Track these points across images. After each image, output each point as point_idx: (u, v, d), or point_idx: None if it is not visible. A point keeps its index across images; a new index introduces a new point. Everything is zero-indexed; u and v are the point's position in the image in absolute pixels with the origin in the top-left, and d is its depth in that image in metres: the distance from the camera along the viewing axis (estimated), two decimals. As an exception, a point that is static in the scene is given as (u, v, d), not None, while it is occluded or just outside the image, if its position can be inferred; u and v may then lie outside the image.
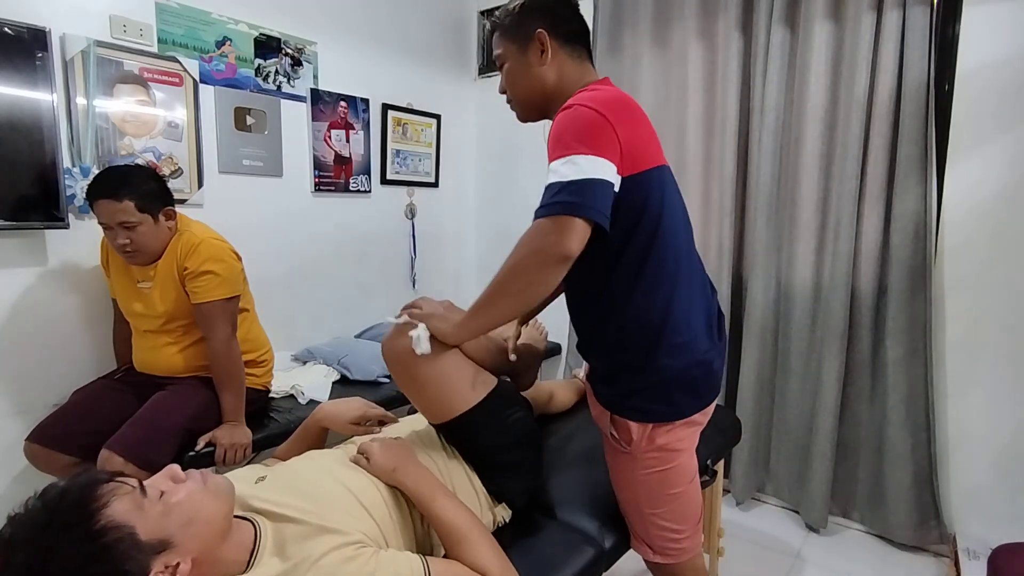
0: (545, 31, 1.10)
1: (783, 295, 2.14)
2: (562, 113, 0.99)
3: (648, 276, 1.04)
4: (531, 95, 1.15)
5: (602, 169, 0.93)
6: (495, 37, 1.17)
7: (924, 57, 1.78)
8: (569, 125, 0.97)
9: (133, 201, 1.49)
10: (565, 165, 0.93)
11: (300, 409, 1.84)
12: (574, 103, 0.99)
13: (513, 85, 1.16)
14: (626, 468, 1.14)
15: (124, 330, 1.75)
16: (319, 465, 1.03)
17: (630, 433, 1.08)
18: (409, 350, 1.04)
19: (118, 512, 0.70)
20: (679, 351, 1.05)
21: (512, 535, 1.13)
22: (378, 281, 2.70)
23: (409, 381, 1.10)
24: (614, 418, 1.10)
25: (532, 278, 0.97)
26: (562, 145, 0.95)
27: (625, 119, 0.98)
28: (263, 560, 0.82)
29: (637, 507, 1.16)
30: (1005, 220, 1.78)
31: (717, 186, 2.22)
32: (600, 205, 0.92)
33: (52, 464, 1.54)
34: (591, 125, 0.95)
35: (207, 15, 2.00)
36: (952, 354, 1.90)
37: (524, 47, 1.12)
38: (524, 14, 1.12)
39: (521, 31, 1.12)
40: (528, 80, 1.13)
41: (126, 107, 1.81)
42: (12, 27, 1.53)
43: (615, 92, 1.05)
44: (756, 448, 2.21)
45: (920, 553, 1.96)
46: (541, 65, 1.12)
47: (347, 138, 2.47)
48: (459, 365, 1.10)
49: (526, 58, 1.12)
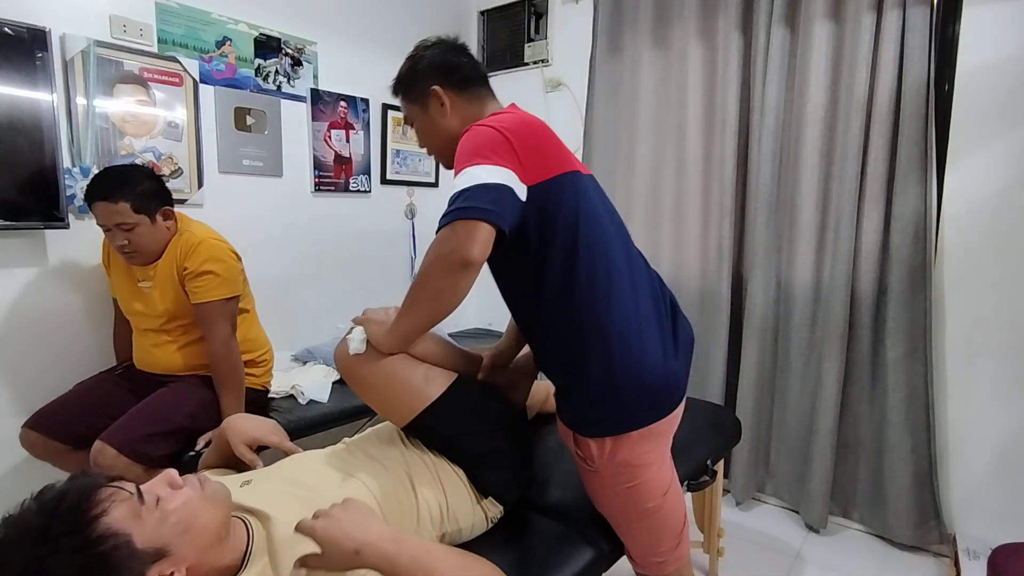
0: (438, 86, 1.16)
1: (783, 295, 2.13)
2: (462, 137, 1.04)
3: (578, 288, 1.02)
4: (444, 145, 1.19)
5: (498, 175, 0.94)
6: (400, 100, 1.23)
7: (924, 57, 1.78)
8: (465, 143, 1.01)
9: (128, 202, 1.49)
10: (462, 177, 0.96)
11: (300, 409, 1.84)
12: (470, 126, 1.05)
13: (426, 140, 1.23)
14: (597, 485, 1.13)
15: (124, 330, 1.75)
16: (306, 468, 1.03)
17: (590, 450, 1.06)
18: (351, 355, 1.07)
19: (115, 520, 0.69)
20: (625, 361, 1.02)
21: (511, 536, 1.13)
22: (378, 281, 2.70)
23: (361, 387, 1.11)
24: (576, 436, 1.09)
25: (439, 284, 0.97)
26: (461, 162, 0.99)
27: (525, 133, 1.01)
28: (256, 560, 0.82)
29: (615, 520, 1.16)
30: (1005, 220, 1.78)
31: (717, 186, 2.22)
32: (498, 208, 0.92)
33: (47, 451, 1.56)
34: (485, 138, 0.99)
35: (207, 15, 2.00)
36: (952, 354, 1.90)
37: (425, 105, 1.18)
38: (416, 75, 1.18)
39: (417, 91, 1.19)
40: (436, 132, 1.20)
41: (126, 107, 1.82)
42: (12, 27, 1.53)
43: (516, 114, 1.08)
44: (756, 448, 2.21)
45: (920, 553, 1.95)
46: (443, 117, 1.18)
47: (347, 138, 2.47)
48: (407, 365, 1.09)
49: (428, 115, 1.19)
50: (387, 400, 1.11)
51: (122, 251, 1.55)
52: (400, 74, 1.22)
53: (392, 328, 1.06)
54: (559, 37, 2.69)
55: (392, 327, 1.06)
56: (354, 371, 1.09)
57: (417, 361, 1.11)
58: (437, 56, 1.19)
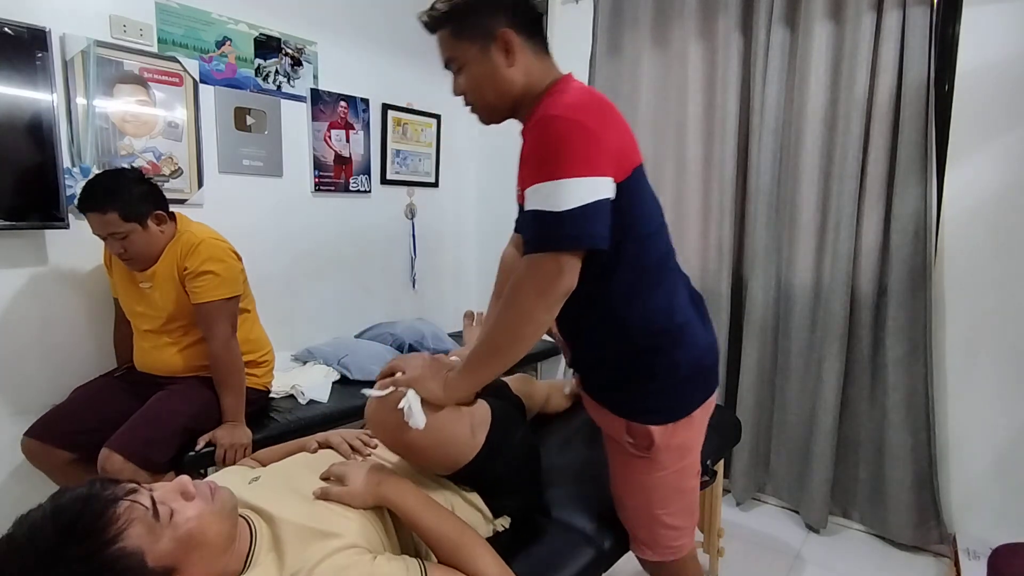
0: (510, 28, 0.96)
1: (783, 295, 2.13)
2: (541, 127, 0.89)
3: (647, 277, 1.00)
4: (497, 100, 1.02)
5: (598, 189, 0.86)
6: (443, 36, 1.01)
7: (924, 57, 1.78)
8: (555, 143, 0.86)
9: (117, 212, 1.48)
10: (558, 190, 0.84)
11: (300, 409, 1.84)
12: (551, 114, 0.88)
13: (475, 90, 1.03)
14: (642, 472, 1.09)
15: (125, 330, 1.75)
16: (315, 466, 1.02)
17: (651, 437, 1.04)
18: (401, 423, 0.93)
19: (130, 539, 0.69)
20: (686, 346, 1.03)
21: (511, 536, 1.13)
22: (378, 281, 2.70)
23: (404, 451, 1.01)
24: (631, 425, 1.05)
25: (539, 319, 0.90)
26: (550, 166, 0.85)
27: (609, 123, 0.91)
28: (259, 559, 0.82)
29: (648, 509, 1.12)
30: (1005, 220, 1.78)
31: (717, 186, 2.22)
32: (600, 230, 0.86)
33: (49, 460, 1.55)
34: (577, 141, 0.86)
35: (207, 15, 2.00)
36: (952, 354, 1.90)
37: (486, 48, 0.97)
38: (481, 7, 0.97)
39: (479, 29, 0.97)
40: (493, 84, 1.00)
41: (126, 107, 1.81)
42: (12, 27, 1.53)
43: (587, 93, 0.96)
44: (756, 448, 2.21)
45: (920, 553, 1.96)
46: (507, 67, 0.98)
47: (347, 138, 2.47)
48: (454, 418, 0.99)
49: (488, 61, 0.98)
50: (434, 458, 1.02)
51: (120, 257, 1.56)
52: (456, 2, 0.98)
53: (465, 380, 0.97)
54: (559, 37, 2.69)
55: (467, 378, 0.96)
56: (401, 438, 0.96)
57: (462, 409, 1.01)
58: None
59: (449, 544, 0.90)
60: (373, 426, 1.01)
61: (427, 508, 0.93)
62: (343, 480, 0.94)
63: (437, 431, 0.96)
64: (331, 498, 0.91)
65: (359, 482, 0.92)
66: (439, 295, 3.00)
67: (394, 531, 0.95)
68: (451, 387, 0.97)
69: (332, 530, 0.84)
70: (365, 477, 0.94)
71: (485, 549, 0.91)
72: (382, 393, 0.97)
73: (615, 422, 1.08)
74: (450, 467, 1.03)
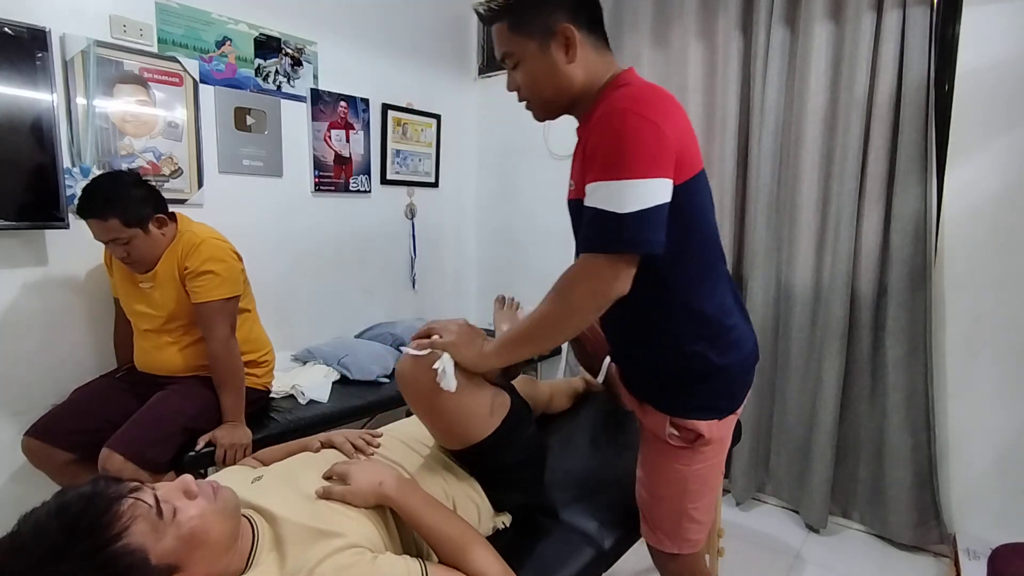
0: (571, 24, 0.95)
1: (783, 295, 2.13)
2: (610, 121, 0.87)
3: (699, 281, 1.00)
4: (556, 96, 1.01)
5: (660, 193, 0.85)
6: (499, 30, 0.99)
7: (924, 57, 1.78)
8: (624, 139, 0.85)
9: (118, 218, 1.49)
10: (622, 191, 0.84)
11: (300, 409, 1.84)
12: (621, 107, 0.88)
13: (533, 86, 1.01)
14: (683, 463, 1.09)
15: (125, 330, 1.75)
16: (317, 465, 1.02)
17: (698, 431, 1.04)
18: (432, 384, 0.96)
19: (134, 536, 0.69)
20: (738, 346, 1.04)
21: (511, 536, 1.13)
22: (378, 281, 2.70)
23: (427, 412, 1.04)
24: (676, 421, 1.06)
25: (586, 317, 0.92)
26: (616, 164, 0.85)
27: (674, 120, 0.90)
28: (261, 559, 0.82)
29: (680, 502, 1.11)
30: (1005, 220, 1.78)
31: (717, 186, 2.21)
32: (659, 236, 0.86)
33: (49, 460, 1.55)
34: (647, 139, 0.85)
35: (207, 15, 2.00)
36: (952, 354, 1.90)
37: (545, 43, 0.96)
38: (544, 5, 0.95)
39: (540, 24, 0.95)
40: (552, 80, 0.98)
41: (126, 107, 1.81)
42: (12, 27, 1.53)
43: (654, 89, 0.95)
44: (756, 448, 2.21)
45: (920, 553, 1.96)
46: (567, 64, 0.97)
47: (347, 138, 2.47)
48: (479, 392, 1.03)
49: (548, 57, 0.96)
50: (447, 427, 1.05)
51: (123, 261, 1.57)
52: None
53: (500, 353, 0.99)
54: (559, 37, 2.69)
55: (502, 352, 0.99)
56: (427, 399, 0.99)
57: (486, 385, 1.05)
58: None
59: (450, 544, 0.90)
60: (405, 383, 1.02)
61: (429, 507, 0.94)
62: (345, 479, 0.94)
63: (461, 396, 0.98)
64: (333, 497, 0.91)
65: (361, 481, 0.93)
66: (439, 295, 3.00)
67: (396, 530, 0.95)
68: (485, 357, 1.00)
69: (334, 529, 0.84)
70: (367, 476, 0.94)
71: (486, 549, 0.92)
72: (420, 353, 0.99)
73: (658, 417, 1.08)
74: (462, 441, 1.05)
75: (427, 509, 0.93)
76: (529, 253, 2.90)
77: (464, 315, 3.10)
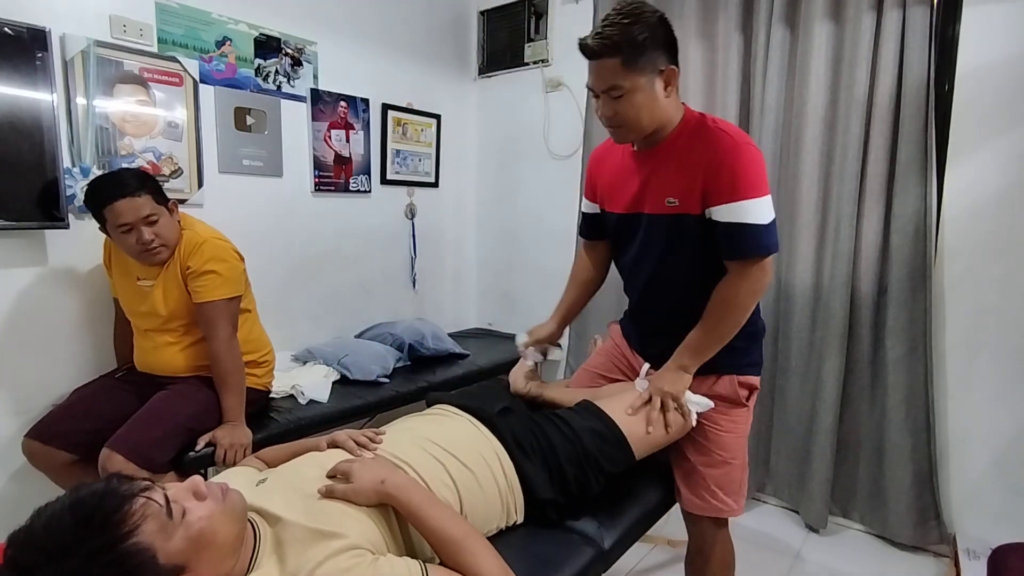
0: (675, 66, 1.14)
1: (783, 295, 2.13)
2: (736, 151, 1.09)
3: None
4: (651, 125, 1.17)
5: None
6: (612, 66, 1.10)
7: (924, 57, 1.78)
8: (752, 166, 1.10)
9: (151, 194, 1.50)
10: (762, 207, 1.09)
11: (300, 409, 1.84)
12: (743, 142, 1.11)
13: (633, 117, 1.14)
14: (745, 422, 1.32)
15: (125, 330, 1.75)
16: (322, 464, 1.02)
17: (755, 385, 1.30)
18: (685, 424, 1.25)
19: (144, 535, 0.70)
20: (759, 313, 1.29)
21: (512, 535, 1.13)
22: (378, 281, 2.70)
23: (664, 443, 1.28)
24: (740, 379, 1.28)
25: (749, 311, 1.19)
26: (754, 186, 1.09)
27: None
28: (262, 562, 0.82)
29: (743, 458, 1.32)
30: (1005, 220, 1.78)
31: (717, 186, 2.22)
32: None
33: (50, 461, 1.54)
34: (762, 164, 1.12)
35: (207, 15, 2.00)
36: (952, 354, 1.90)
37: (652, 81, 1.12)
38: (652, 47, 1.10)
39: (649, 64, 1.10)
40: (653, 113, 1.15)
41: (126, 107, 1.81)
42: (12, 27, 1.53)
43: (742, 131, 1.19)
44: (756, 448, 2.21)
45: (920, 553, 1.96)
46: (666, 98, 1.15)
47: (347, 138, 2.47)
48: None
49: (653, 91, 1.13)
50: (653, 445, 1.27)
51: (148, 248, 1.51)
52: (630, 36, 1.07)
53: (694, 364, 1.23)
54: (559, 37, 2.69)
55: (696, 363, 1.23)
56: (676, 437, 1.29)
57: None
58: (670, 34, 1.13)
59: (452, 544, 0.90)
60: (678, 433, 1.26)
61: (431, 506, 0.93)
62: (348, 477, 0.94)
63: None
64: (336, 495, 0.91)
65: (364, 479, 0.93)
66: (439, 295, 3.00)
67: (398, 529, 0.95)
68: (686, 375, 1.24)
69: (334, 530, 0.84)
70: (370, 474, 0.94)
71: (488, 550, 0.91)
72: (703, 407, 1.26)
73: (725, 381, 1.28)
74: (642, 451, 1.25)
75: (429, 508, 0.93)
76: (529, 253, 2.90)
77: (464, 315, 3.12)
